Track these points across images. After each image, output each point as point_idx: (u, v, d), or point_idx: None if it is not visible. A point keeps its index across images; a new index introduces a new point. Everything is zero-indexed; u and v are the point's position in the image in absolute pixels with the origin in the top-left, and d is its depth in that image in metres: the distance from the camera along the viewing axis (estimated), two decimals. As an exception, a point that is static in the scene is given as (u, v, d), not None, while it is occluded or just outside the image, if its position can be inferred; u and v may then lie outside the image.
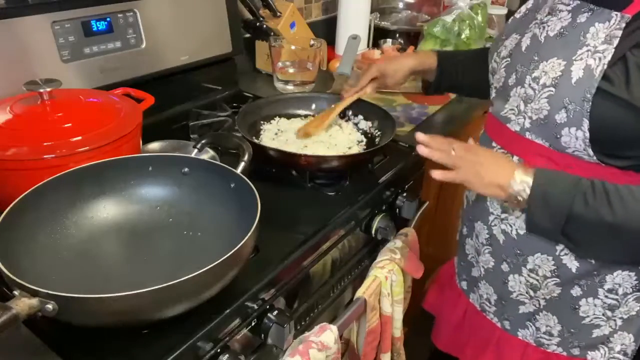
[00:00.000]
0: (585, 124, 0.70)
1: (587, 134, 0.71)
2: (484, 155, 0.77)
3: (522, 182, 0.72)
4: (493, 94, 0.88)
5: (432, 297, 1.15)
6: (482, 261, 0.93)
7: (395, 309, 1.00)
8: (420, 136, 0.80)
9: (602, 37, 0.69)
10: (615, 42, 0.68)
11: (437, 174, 0.77)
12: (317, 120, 1.10)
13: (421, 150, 0.79)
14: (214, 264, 0.57)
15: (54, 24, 0.97)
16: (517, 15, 0.87)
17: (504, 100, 0.83)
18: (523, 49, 0.80)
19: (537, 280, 0.84)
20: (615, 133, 0.70)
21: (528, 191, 0.71)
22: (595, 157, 0.73)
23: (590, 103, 0.69)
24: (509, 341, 0.94)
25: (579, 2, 0.74)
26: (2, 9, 0.91)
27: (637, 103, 0.66)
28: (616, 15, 0.69)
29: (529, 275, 0.85)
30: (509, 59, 0.83)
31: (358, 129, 1.12)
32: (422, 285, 1.65)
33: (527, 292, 0.87)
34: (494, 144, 0.86)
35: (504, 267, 0.88)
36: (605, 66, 0.68)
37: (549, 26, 0.76)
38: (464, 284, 1.03)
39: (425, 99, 1.42)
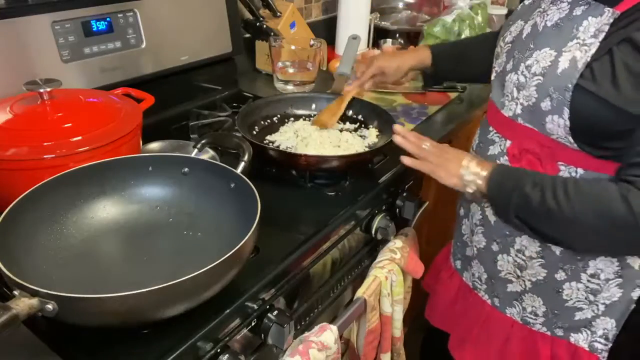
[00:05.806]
0: (566, 112, 0.74)
1: (568, 122, 0.74)
2: (451, 152, 0.86)
3: (474, 173, 0.81)
4: (493, 77, 0.92)
5: (428, 277, 1.20)
6: (475, 241, 0.97)
7: (395, 309, 1.00)
8: (397, 127, 0.91)
9: (592, 31, 0.72)
10: (601, 36, 0.71)
11: (406, 160, 0.89)
12: (329, 111, 1.11)
13: (397, 139, 0.90)
14: (214, 264, 0.57)
15: (54, 24, 0.97)
16: (526, 2, 0.89)
17: (500, 85, 0.87)
18: (524, 36, 0.83)
19: (524, 260, 0.89)
20: (594, 125, 0.73)
21: (479, 182, 0.81)
22: (576, 145, 0.76)
23: (571, 93, 0.72)
24: (497, 317, 0.98)
25: None
26: (2, 9, 0.91)
27: (612, 99, 0.69)
28: (608, 10, 0.71)
29: (516, 255, 0.89)
30: (510, 45, 0.87)
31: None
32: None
33: (514, 272, 0.91)
34: (490, 129, 0.91)
35: (494, 247, 0.93)
36: (589, 59, 0.71)
37: (548, 15, 0.79)
38: (458, 263, 1.08)
39: (425, 99, 1.41)
